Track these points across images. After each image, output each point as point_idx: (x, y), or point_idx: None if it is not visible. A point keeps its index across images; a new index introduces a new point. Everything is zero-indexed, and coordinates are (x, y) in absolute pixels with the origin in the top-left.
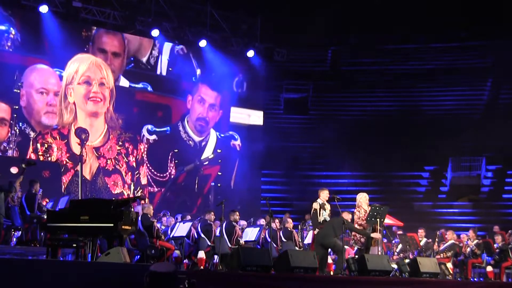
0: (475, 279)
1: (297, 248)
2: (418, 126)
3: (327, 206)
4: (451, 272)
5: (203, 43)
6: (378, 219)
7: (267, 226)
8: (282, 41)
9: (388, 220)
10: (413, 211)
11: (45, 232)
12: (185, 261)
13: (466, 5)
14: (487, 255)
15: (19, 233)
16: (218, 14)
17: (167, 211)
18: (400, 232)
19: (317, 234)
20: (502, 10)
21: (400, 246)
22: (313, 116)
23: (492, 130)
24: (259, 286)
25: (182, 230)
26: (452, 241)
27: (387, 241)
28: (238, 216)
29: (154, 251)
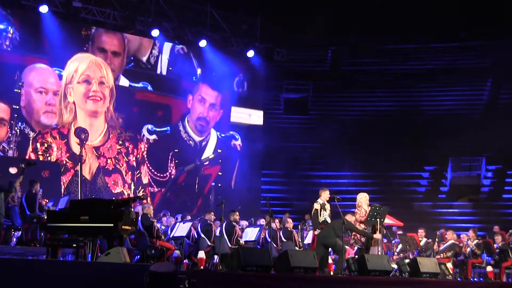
0: (475, 279)
1: (297, 248)
2: (418, 126)
3: (328, 206)
4: (451, 272)
5: (203, 43)
6: (378, 219)
7: (267, 226)
8: (282, 41)
9: (388, 220)
10: (413, 211)
11: (45, 232)
12: (185, 261)
13: (466, 5)
14: (487, 255)
15: (19, 233)
16: (218, 14)
17: (167, 211)
18: (400, 232)
19: (318, 235)
20: (502, 10)
21: (400, 246)
22: (313, 116)
23: (492, 130)
24: (259, 286)
25: (182, 230)
26: (452, 241)
27: (387, 241)
28: (238, 216)
29: (154, 251)
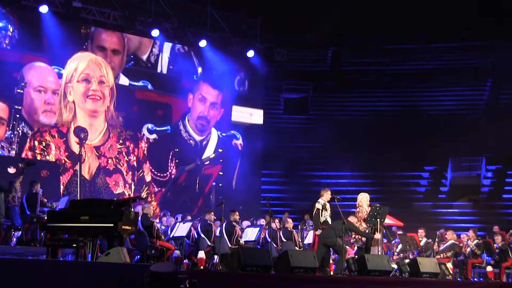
0: (475, 279)
1: (297, 248)
2: (418, 126)
3: (328, 206)
4: (451, 272)
5: (203, 43)
6: (378, 219)
7: (267, 226)
8: (282, 41)
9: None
10: (413, 211)
11: (45, 232)
12: (185, 261)
13: (466, 5)
14: (487, 255)
15: (19, 233)
16: (218, 14)
17: (167, 211)
18: (400, 232)
19: (319, 235)
20: (502, 10)
21: (400, 246)
22: (313, 116)
23: (492, 130)
24: (259, 286)
25: (182, 230)
26: (452, 241)
27: (387, 241)
28: (238, 216)
29: (154, 251)
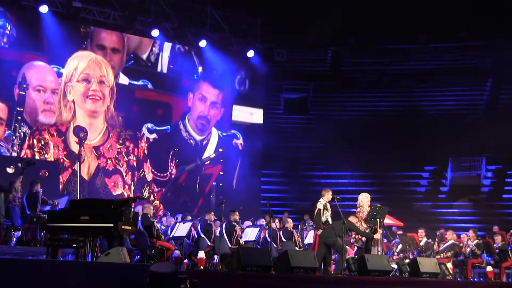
0: (475, 279)
1: (297, 248)
2: (418, 126)
3: (329, 206)
4: (451, 272)
5: (203, 43)
6: (378, 219)
7: (267, 226)
8: (282, 41)
9: (388, 220)
10: (413, 211)
11: (45, 232)
12: (185, 261)
13: (466, 5)
14: (487, 255)
15: (19, 233)
16: (218, 14)
17: (167, 211)
18: (400, 232)
19: (320, 234)
20: (502, 10)
21: (400, 246)
22: (313, 116)
23: (492, 130)
24: (259, 286)
25: (182, 230)
26: (452, 241)
27: (387, 241)
28: (238, 216)
29: (154, 251)
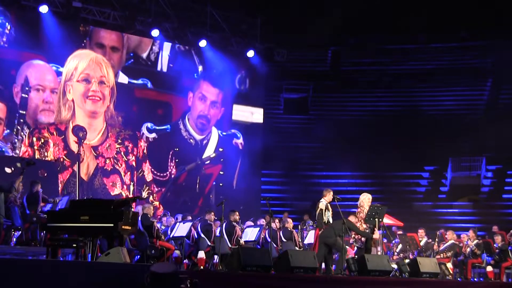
0: (475, 279)
1: (297, 248)
2: (418, 126)
3: (329, 207)
4: (451, 272)
5: (203, 43)
6: (377, 219)
7: (267, 226)
8: (282, 41)
9: (388, 220)
10: (413, 211)
11: (45, 232)
12: (185, 261)
13: (466, 5)
14: (487, 255)
15: (19, 233)
16: (218, 14)
17: (167, 211)
18: (400, 232)
19: (320, 234)
20: (502, 10)
21: (400, 246)
22: (313, 116)
23: (492, 130)
24: (259, 286)
25: (182, 230)
26: (452, 241)
27: (387, 241)
28: (238, 216)
29: (154, 251)
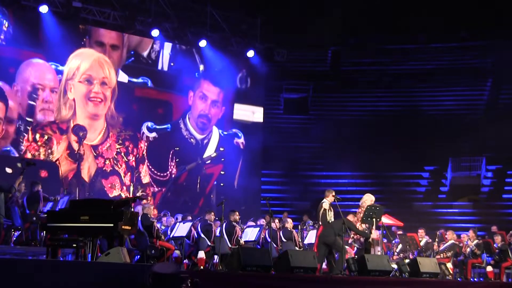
0: (475, 279)
1: (297, 248)
2: (418, 126)
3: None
4: (451, 272)
5: (203, 43)
6: (374, 219)
7: (267, 226)
8: (282, 41)
9: (388, 220)
10: (413, 211)
11: (45, 232)
12: (185, 261)
13: (466, 5)
14: (487, 255)
15: (19, 233)
16: (218, 14)
17: (167, 211)
18: (400, 232)
19: (320, 234)
20: (502, 10)
21: (400, 246)
22: (313, 116)
23: (492, 130)
24: (259, 286)
25: (182, 230)
26: (452, 241)
27: (387, 241)
28: (238, 216)
29: (154, 251)
